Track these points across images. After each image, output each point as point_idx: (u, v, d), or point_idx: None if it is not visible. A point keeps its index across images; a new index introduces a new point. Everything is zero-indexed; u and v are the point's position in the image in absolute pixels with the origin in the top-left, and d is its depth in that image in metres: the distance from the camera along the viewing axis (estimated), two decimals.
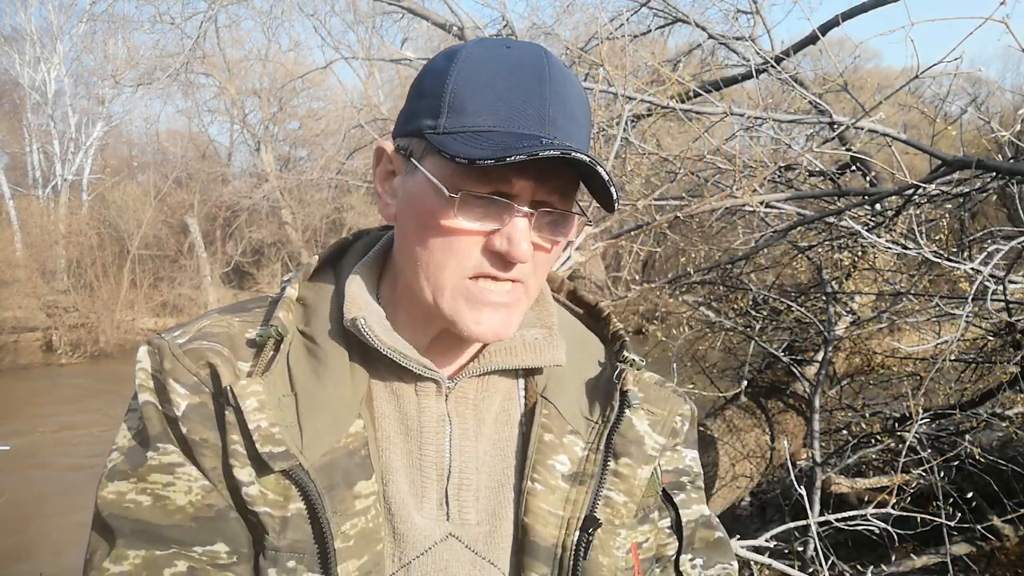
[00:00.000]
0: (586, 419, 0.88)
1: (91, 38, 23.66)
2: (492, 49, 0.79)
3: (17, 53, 23.64)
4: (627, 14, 5.98)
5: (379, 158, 0.84)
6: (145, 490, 0.77)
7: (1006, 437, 4.33)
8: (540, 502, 0.84)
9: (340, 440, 0.78)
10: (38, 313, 19.18)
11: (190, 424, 0.77)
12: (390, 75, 23.24)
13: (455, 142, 0.74)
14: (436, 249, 0.78)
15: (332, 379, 0.80)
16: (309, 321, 0.84)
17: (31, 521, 8.35)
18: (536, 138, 0.74)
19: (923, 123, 6.87)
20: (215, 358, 0.78)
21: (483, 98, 0.75)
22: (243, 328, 0.83)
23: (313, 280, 0.89)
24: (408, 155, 0.80)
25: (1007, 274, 2.86)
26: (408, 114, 0.81)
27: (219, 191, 25.27)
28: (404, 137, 0.81)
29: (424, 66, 0.83)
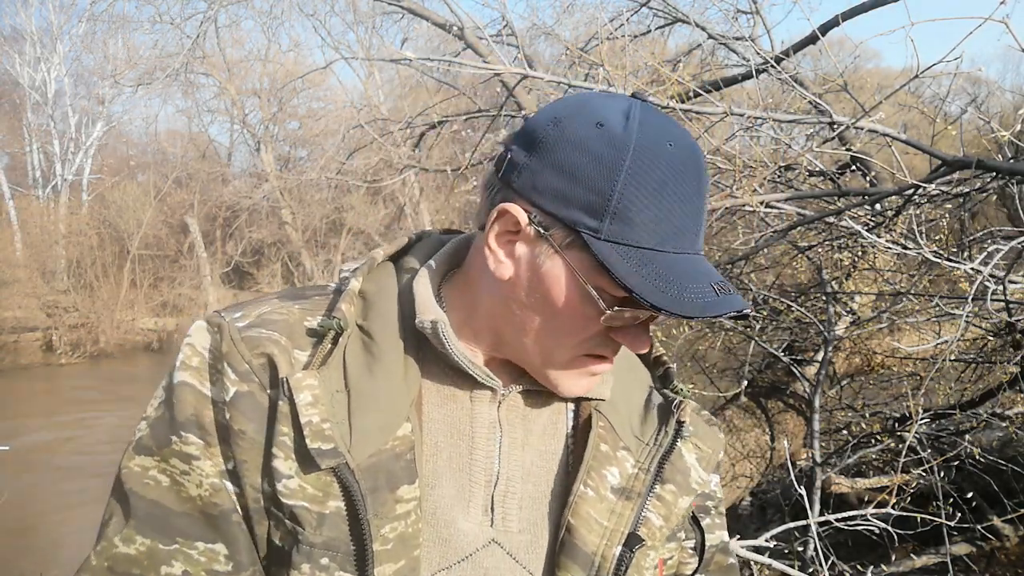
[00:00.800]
0: (636, 438, 0.90)
1: (91, 38, 23.72)
2: (659, 143, 0.74)
3: (17, 53, 23.66)
4: (627, 14, 5.98)
5: (501, 216, 0.78)
6: (165, 471, 0.78)
7: (1006, 437, 4.33)
8: (589, 508, 0.85)
9: (387, 442, 0.78)
10: (38, 313, 19.19)
11: (234, 412, 0.77)
12: (390, 75, 23.25)
13: (619, 258, 0.72)
14: (561, 333, 0.79)
15: (386, 378, 0.79)
16: (368, 316, 0.83)
17: (31, 521, 8.35)
18: (703, 275, 0.74)
19: (923, 123, 6.87)
20: (272, 347, 0.78)
21: (651, 212, 0.73)
22: (302, 316, 0.82)
23: (374, 274, 0.88)
24: (546, 233, 0.76)
25: (1007, 274, 2.86)
26: (553, 191, 0.75)
27: (219, 191, 25.27)
28: (544, 214, 0.76)
29: (576, 128, 0.75)
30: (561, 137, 0.75)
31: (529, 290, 0.78)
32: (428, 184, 20.90)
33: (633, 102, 0.77)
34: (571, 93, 0.84)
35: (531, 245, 0.78)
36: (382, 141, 10.08)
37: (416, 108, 11.28)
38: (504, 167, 0.79)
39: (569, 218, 0.74)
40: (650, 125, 0.75)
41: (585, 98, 0.79)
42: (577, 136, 0.75)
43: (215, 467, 0.78)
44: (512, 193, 0.78)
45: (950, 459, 3.82)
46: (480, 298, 0.83)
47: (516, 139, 0.80)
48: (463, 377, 0.84)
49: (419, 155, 10.44)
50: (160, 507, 0.77)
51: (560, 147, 0.75)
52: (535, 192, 0.76)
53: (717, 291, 0.73)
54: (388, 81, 23.69)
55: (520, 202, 0.77)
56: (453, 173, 8.81)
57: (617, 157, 0.73)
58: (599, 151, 0.73)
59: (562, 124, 0.76)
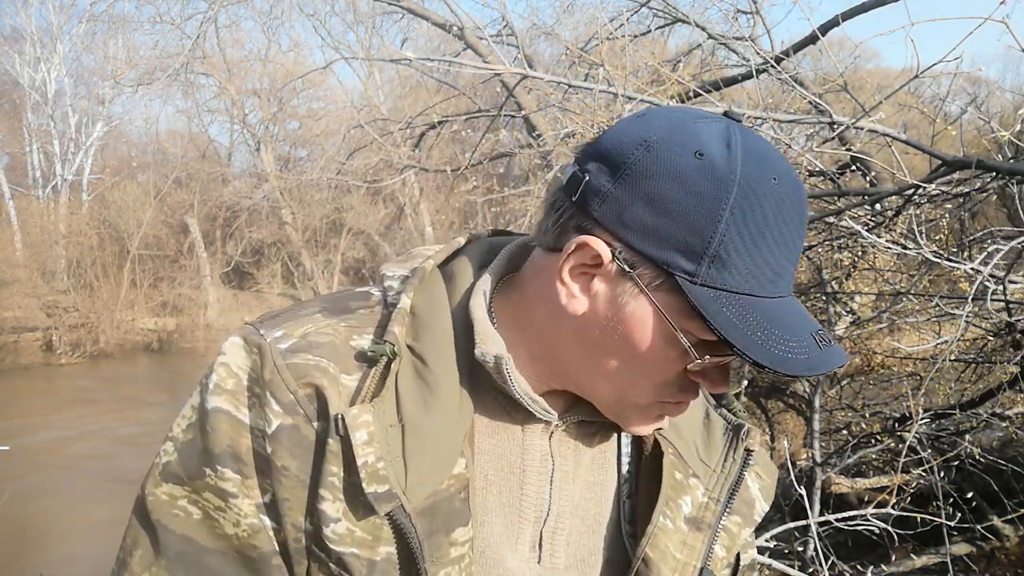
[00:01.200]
0: (703, 463, 0.85)
1: (91, 38, 23.70)
2: (763, 178, 0.67)
3: (17, 53, 23.65)
4: (627, 14, 5.98)
5: (579, 249, 0.70)
6: (197, 503, 0.72)
7: (1006, 437, 4.33)
8: (667, 540, 0.80)
9: (443, 482, 0.73)
10: (38, 313, 19.20)
11: (276, 446, 0.70)
12: (390, 75, 23.25)
13: (717, 306, 0.66)
14: (639, 375, 0.73)
15: (441, 411, 0.73)
16: (420, 336, 0.75)
17: (31, 521, 8.35)
18: (802, 324, 0.68)
19: (923, 123, 6.87)
20: (321, 379, 0.71)
21: (751, 255, 0.66)
22: (348, 335, 0.75)
23: (423, 285, 0.79)
24: (632, 272, 0.69)
25: (1007, 274, 2.86)
26: (644, 227, 0.68)
27: (219, 191, 25.28)
28: (631, 251, 0.68)
29: (672, 156, 0.68)
30: (655, 166, 0.67)
31: (607, 330, 0.71)
32: (428, 184, 20.90)
33: (731, 126, 0.70)
34: (648, 108, 0.79)
35: (613, 283, 0.70)
36: (382, 141, 10.09)
37: (416, 108, 11.29)
38: (581, 191, 0.70)
39: (661, 259, 0.67)
40: (753, 156, 0.68)
41: (677, 119, 0.70)
42: (674, 166, 0.67)
43: (253, 503, 0.72)
44: (591, 222, 0.70)
45: (950, 459, 3.82)
46: (540, 324, 0.76)
47: (593, 158, 0.71)
48: (517, 407, 0.78)
49: (419, 155, 10.45)
50: (192, 544, 0.72)
51: (653, 178, 0.67)
52: (621, 226, 0.68)
53: (819, 343, 0.68)
54: (388, 81, 23.70)
55: (602, 234, 0.70)
56: (453, 173, 8.82)
57: (720, 194, 0.66)
58: (700, 186, 0.66)
59: (655, 150, 0.68)
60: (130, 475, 9.87)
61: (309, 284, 23.89)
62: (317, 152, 22.83)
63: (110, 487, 9.49)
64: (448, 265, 0.83)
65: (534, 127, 8.02)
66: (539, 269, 0.76)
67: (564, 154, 5.86)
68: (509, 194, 8.15)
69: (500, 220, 10.84)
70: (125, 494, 8.97)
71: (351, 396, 0.72)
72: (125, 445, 11.37)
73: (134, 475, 10.67)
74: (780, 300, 0.69)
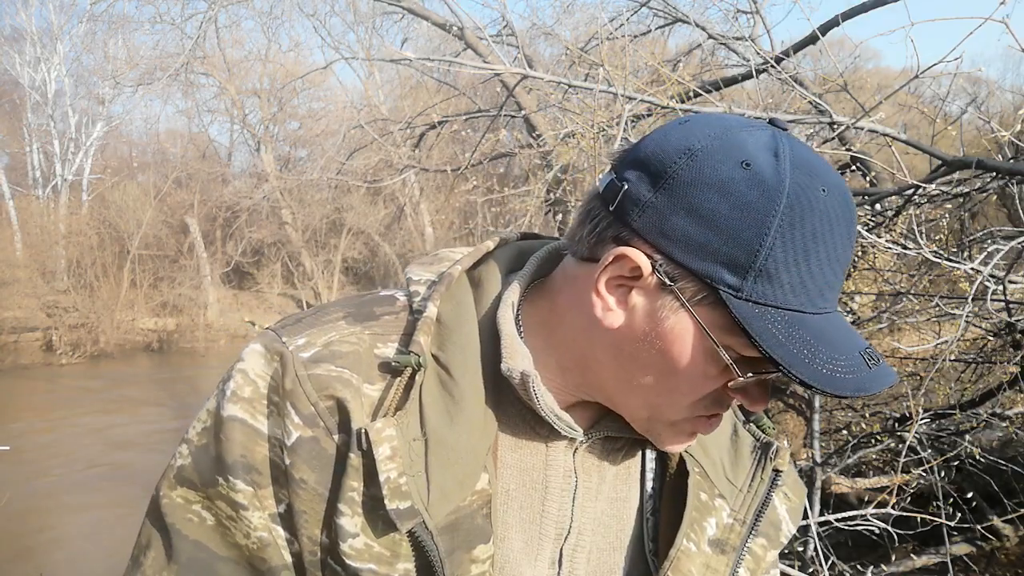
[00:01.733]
0: (729, 483, 0.83)
1: (91, 38, 23.75)
2: (812, 189, 0.65)
3: (17, 53, 23.65)
4: (627, 14, 5.99)
5: (617, 261, 0.68)
6: (211, 509, 0.72)
7: (1006, 437, 4.33)
8: (690, 564, 0.78)
9: (466, 498, 0.71)
10: (38, 313, 19.20)
11: (295, 459, 0.69)
12: (390, 75, 23.25)
13: (763, 323, 0.64)
14: (676, 391, 0.70)
15: (465, 425, 0.71)
16: (445, 346, 0.73)
17: (31, 522, 8.35)
18: (850, 341, 0.66)
19: (923, 123, 6.87)
20: (344, 391, 0.70)
21: (799, 270, 0.64)
22: (373, 343, 0.73)
23: (450, 292, 0.77)
24: (674, 285, 0.66)
25: (1007, 274, 2.86)
26: (686, 238, 0.65)
27: (219, 191, 25.28)
28: (673, 263, 0.66)
29: (717, 165, 0.65)
30: (699, 175, 0.65)
31: (644, 344, 0.69)
32: (428, 184, 20.90)
33: (778, 135, 0.68)
34: (692, 114, 0.78)
35: (652, 296, 0.68)
36: (382, 141, 10.09)
37: (416, 108, 11.29)
38: (619, 200, 0.68)
39: (704, 272, 0.65)
40: (802, 166, 0.65)
41: (721, 127, 0.67)
42: (720, 176, 0.64)
43: (266, 514, 0.71)
44: (630, 233, 0.67)
45: (950, 459, 3.82)
46: (571, 335, 0.74)
47: (632, 166, 0.69)
48: (541, 422, 0.75)
49: (419, 155, 10.45)
50: (204, 550, 0.72)
51: (698, 188, 0.64)
52: (663, 237, 0.66)
53: (867, 362, 0.65)
54: (388, 81, 23.70)
55: (641, 245, 0.67)
56: (453, 173, 8.83)
57: (768, 206, 0.63)
58: (747, 198, 0.63)
59: (699, 159, 0.65)
60: (130, 475, 9.88)
61: (309, 284, 23.89)
62: (317, 152, 22.83)
63: (110, 487, 9.49)
64: (476, 270, 0.80)
65: (534, 127, 8.03)
66: (572, 278, 0.74)
67: (564, 154, 5.87)
68: (509, 194, 8.16)
69: (500, 220, 10.84)
70: (125, 494, 9.00)
71: (374, 407, 0.71)
72: (125, 445, 11.37)
73: (134, 475, 10.67)
74: (827, 316, 0.66)
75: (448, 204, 18.85)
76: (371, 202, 22.85)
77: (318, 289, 23.63)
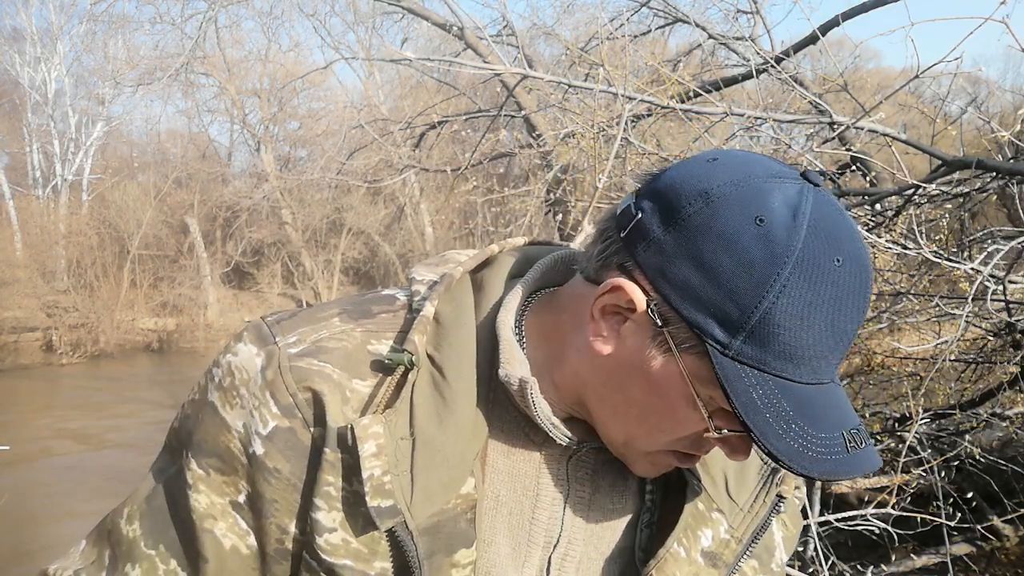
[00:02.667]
0: (730, 500, 0.81)
1: (91, 38, 23.75)
2: (825, 257, 0.62)
3: (17, 53, 23.66)
4: (627, 14, 5.99)
5: (612, 291, 0.67)
6: (181, 475, 0.75)
7: (1006, 437, 4.33)
8: (676, 568, 0.77)
9: (450, 501, 0.71)
10: (38, 313, 19.20)
11: (270, 448, 0.70)
12: (390, 75, 23.25)
13: (744, 385, 0.62)
14: (654, 427, 0.70)
15: (455, 427, 0.71)
16: (440, 346, 0.73)
17: (31, 521, 8.35)
18: (836, 419, 0.64)
19: (923, 123, 6.87)
20: (321, 384, 0.70)
21: (794, 338, 0.62)
22: (365, 340, 0.73)
23: (450, 293, 0.76)
24: (664, 328, 0.65)
25: (1007, 274, 2.87)
26: (685, 285, 0.64)
27: (219, 191, 25.28)
28: (667, 306, 0.65)
29: (730, 217, 0.62)
30: (710, 224, 0.63)
31: (629, 376, 0.69)
32: (428, 184, 20.91)
33: (805, 190, 0.64)
34: (725, 150, 0.74)
35: (642, 332, 0.67)
36: (382, 141, 10.09)
37: (416, 108, 11.30)
38: (631, 228, 0.67)
39: (696, 322, 0.63)
40: (820, 231, 0.62)
41: (747, 173, 0.64)
42: (729, 229, 0.62)
43: (214, 500, 0.73)
44: (634, 264, 0.67)
45: (950, 459, 3.82)
46: (570, 353, 0.73)
47: (650, 196, 0.67)
48: (536, 429, 0.75)
49: (419, 155, 10.46)
50: (162, 513, 0.75)
51: (706, 236, 0.63)
52: (663, 278, 0.65)
53: (848, 443, 0.63)
54: (388, 81, 23.70)
55: (641, 280, 0.66)
56: (453, 173, 8.83)
57: (771, 270, 0.61)
58: (751, 256, 0.61)
59: (714, 206, 0.63)
60: (130, 475, 9.87)
61: (309, 284, 23.89)
62: (317, 152, 22.83)
63: (110, 487, 9.48)
64: (479, 273, 0.80)
65: (534, 127, 8.03)
66: (578, 297, 0.73)
67: (564, 154, 5.86)
68: (509, 194, 8.16)
69: (500, 220, 10.83)
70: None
71: (363, 403, 0.71)
72: (125, 445, 11.37)
73: (134, 475, 10.62)
74: (820, 387, 0.64)
75: (448, 204, 18.85)
76: (371, 202, 22.85)
77: (318, 289, 23.63)
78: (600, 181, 2.98)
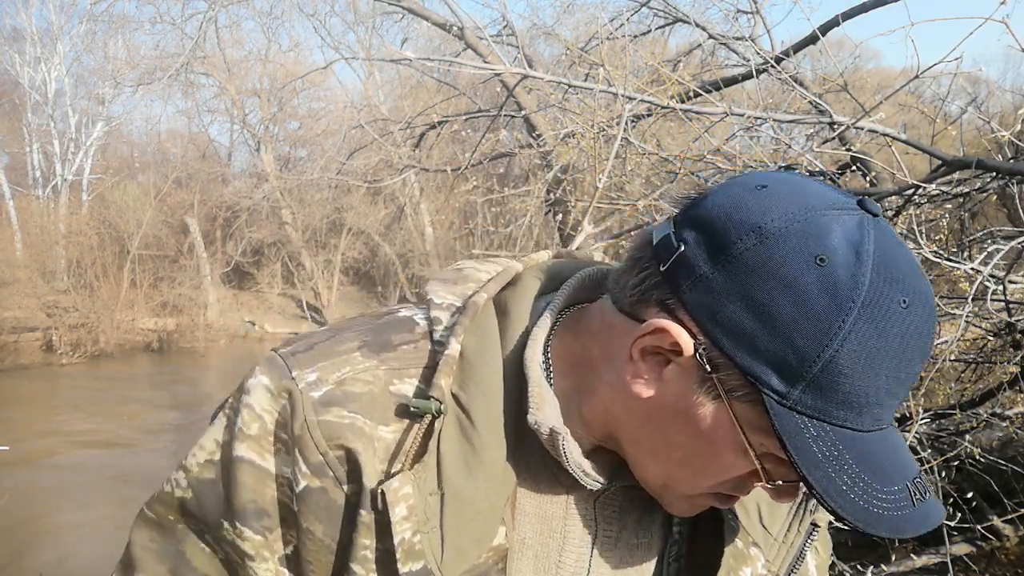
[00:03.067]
0: (764, 530, 0.78)
1: (91, 38, 23.76)
2: (891, 299, 0.57)
3: (17, 53, 23.66)
4: (627, 14, 6.00)
5: (655, 333, 0.62)
6: (216, 547, 0.70)
7: (1006, 437, 4.33)
8: None
9: (481, 556, 0.67)
10: (38, 313, 19.20)
11: (303, 507, 0.67)
12: (390, 75, 23.26)
13: (804, 437, 0.58)
14: (697, 472, 0.66)
15: (485, 477, 0.67)
16: (467, 386, 0.68)
17: (30, 521, 8.35)
18: (899, 468, 0.61)
19: (923, 123, 6.87)
20: (356, 441, 0.66)
21: (857, 386, 0.58)
22: (388, 380, 0.68)
23: (475, 322, 0.71)
24: (714, 374, 0.61)
25: (1007, 274, 2.87)
26: (738, 330, 0.58)
27: (219, 191, 25.29)
28: (718, 350, 0.60)
29: (788, 257, 0.57)
30: (765, 263, 0.57)
31: (671, 422, 0.64)
32: (428, 184, 20.91)
33: (865, 223, 0.59)
34: (773, 174, 0.66)
35: (688, 376, 0.62)
36: (382, 141, 10.09)
37: (416, 108, 11.29)
38: (672, 262, 0.61)
39: (750, 369, 0.59)
40: (884, 269, 0.57)
41: (803, 204, 0.59)
42: (788, 271, 0.57)
43: (275, 558, 0.69)
44: (677, 303, 0.61)
45: (950, 459, 3.82)
46: (601, 389, 0.69)
47: (693, 226, 0.62)
48: (565, 472, 0.71)
49: (419, 155, 10.45)
50: None
51: (761, 277, 0.57)
52: (712, 321, 0.59)
53: (912, 495, 0.59)
54: (388, 81, 23.71)
55: (687, 321, 0.61)
56: (453, 173, 8.83)
57: (835, 316, 0.56)
58: (814, 302, 0.56)
59: (769, 243, 0.58)
60: (130, 476, 9.87)
61: (309, 284, 23.90)
62: (317, 152, 22.84)
63: (110, 487, 9.49)
64: (502, 294, 0.74)
65: (534, 127, 8.03)
66: (608, 327, 0.68)
67: (564, 154, 5.87)
68: (509, 194, 8.16)
69: (500, 220, 10.84)
70: (125, 494, 8.99)
71: (389, 453, 0.67)
72: (125, 445, 11.37)
73: (134, 476, 10.65)
74: (879, 433, 0.61)
75: (448, 204, 18.85)
76: (371, 202, 22.85)
77: (318, 289, 23.64)
78: (600, 181, 2.98)
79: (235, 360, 19.68)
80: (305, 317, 23.39)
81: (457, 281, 0.74)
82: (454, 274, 0.76)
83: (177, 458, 0.76)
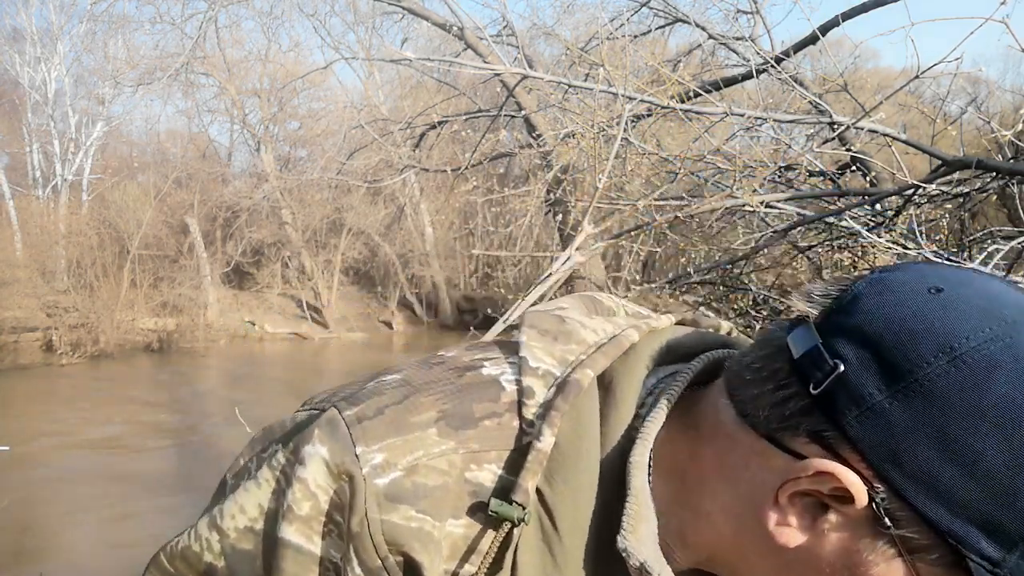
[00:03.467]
0: None
1: (91, 38, 23.75)
2: None
3: (17, 53, 23.66)
4: (627, 14, 6.00)
5: (813, 476, 0.50)
6: None
7: None
8: None
9: None
10: (38, 313, 19.20)
11: None
12: (390, 75, 23.28)
13: None
14: None
15: None
16: (554, 480, 0.58)
17: (31, 522, 8.35)
18: None
19: (923, 123, 6.88)
20: (421, 553, 0.56)
21: None
22: (464, 466, 0.58)
23: (575, 404, 0.60)
24: (892, 528, 0.49)
25: (1007, 274, 2.86)
26: (933, 481, 0.47)
27: (219, 191, 25.29)
28: (899, 500, 0.48)
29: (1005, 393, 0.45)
30: (964, 393, 0.46)
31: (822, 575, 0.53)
32: (428, 184, 20.94)
33: None
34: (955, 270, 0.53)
35: (856, 529, 0.51)
36: (382, 141, 10.10)
37: (416, 108, 11.30)
38: (828, 385, 0.50)
39: (949, 528, 0.47)
40: None
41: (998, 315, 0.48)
42: (997, 404, 0.46)
43: None
44: (839, 438, 0.50)
45: None
46: (711, 509, 0.58)
47: (853, 339, 0.50)
48: None
49: (419, 155, 10.46)
50: None
51: (959, 412, 0.46)
52: (892, 464, 0.48)
53: None
54: (388, 81, 23.73)
55: (856, 462, 0.49)
56: (453, 173, 8.83)
57: None
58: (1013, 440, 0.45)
59: (966, 369, 0.46)
60: (130, 476, 9.88)
61: (309, 284, 23.90)
62: (317, 152, 22.86)
63: (110, 487, 9.48)
64: (607, 374, 0.61)
65: (534, 127, 8.04)
66: (729, 439, 0.56)
67: (564, 154, 5.87)
68: (509, 194, 8.17)
69: (500, 220, 10.84)
70: (125, 495, 8.98)
71: (456, 551, 0.58)
72: (125, 446, 11.37)
73: (134, 476, 10.63)
74: None
75: (448, 204, 18.87)
76: (371, 202, 22.86)
77: (318, 289, 23.64)
78: (600, 181, 2.98)
79: (235, 360, 19.70)
80: (305, 317, 23.41)
81: (558, 337, 0.63)
82: (555, 324, 0.64)
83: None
